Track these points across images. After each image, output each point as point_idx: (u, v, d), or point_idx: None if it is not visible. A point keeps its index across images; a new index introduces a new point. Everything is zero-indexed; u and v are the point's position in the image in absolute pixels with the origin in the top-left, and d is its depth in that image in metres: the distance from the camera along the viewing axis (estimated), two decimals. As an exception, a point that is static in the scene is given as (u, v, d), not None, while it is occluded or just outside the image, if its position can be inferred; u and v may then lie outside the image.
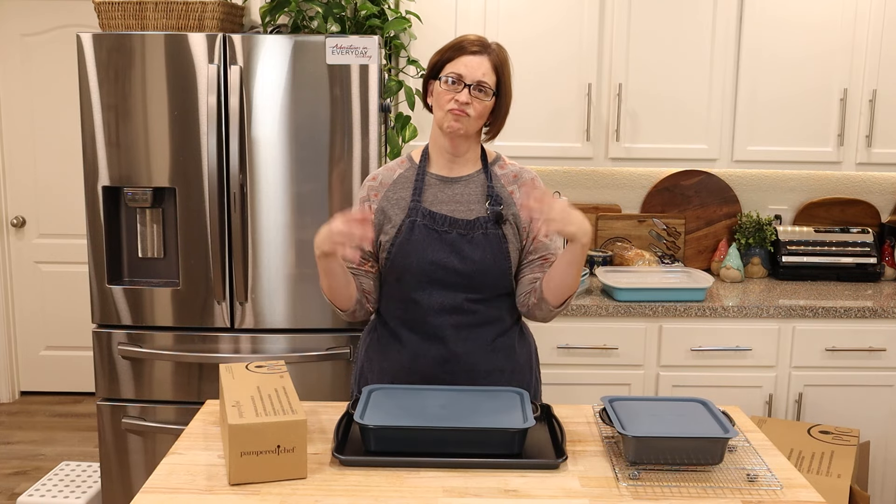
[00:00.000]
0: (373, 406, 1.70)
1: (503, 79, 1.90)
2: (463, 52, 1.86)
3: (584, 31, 3.12)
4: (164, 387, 2.84)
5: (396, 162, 2.03)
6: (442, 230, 1.90)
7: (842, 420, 3.01)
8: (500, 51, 1.91)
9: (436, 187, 1.96)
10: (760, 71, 3.15)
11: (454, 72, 1.86)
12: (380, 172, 2.02)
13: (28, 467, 3.79)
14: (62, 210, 4.51)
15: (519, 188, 1.98)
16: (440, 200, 1.94)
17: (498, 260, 1.91)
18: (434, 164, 1.98)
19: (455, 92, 1.85)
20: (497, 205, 1.93)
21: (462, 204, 1.94)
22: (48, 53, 4.40)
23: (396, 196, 1.96)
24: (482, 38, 1.91)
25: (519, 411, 1.67)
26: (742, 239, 3.44)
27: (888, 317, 2.95)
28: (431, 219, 1.91)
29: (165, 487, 1.51)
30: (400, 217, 1.93)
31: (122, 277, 2.89)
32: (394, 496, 1.48)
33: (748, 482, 1.55)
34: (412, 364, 1.95)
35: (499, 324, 1.97)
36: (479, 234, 1.90)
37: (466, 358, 1.93)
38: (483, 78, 1.86)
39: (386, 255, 1.93)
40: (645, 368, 2.98)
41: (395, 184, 1.98)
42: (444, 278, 1.90)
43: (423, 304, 1.92)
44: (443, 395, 1.77)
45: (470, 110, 1.86)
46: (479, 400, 1.74)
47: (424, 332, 1.93)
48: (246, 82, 2.70)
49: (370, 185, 2.00)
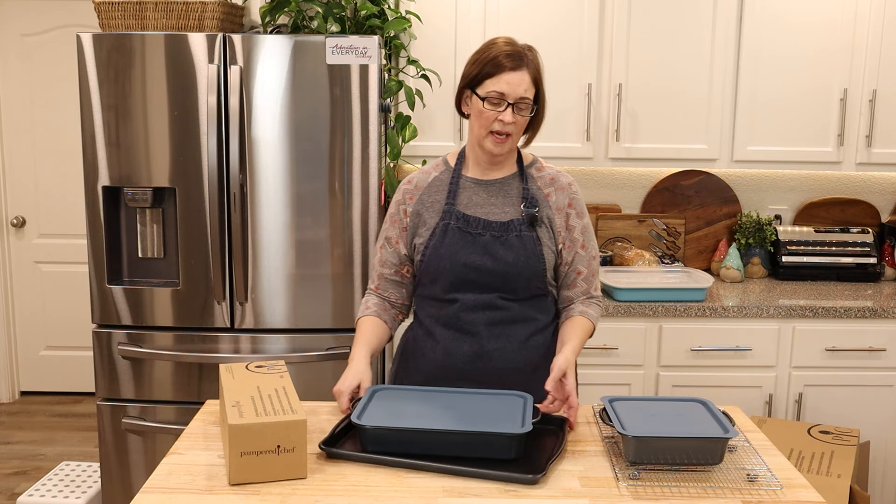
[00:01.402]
0: (374, 405, 1.70)
1: (541, 86, 1.91)
2: (503, 69, 1.85)
3: (584, 31, 3.13)
4: (164, 387, 2.84)
5: (432, 165, 2.05)
6: (475, 232, 1.92)
7: (842, 420, 3.01)
8: (534, 58, 1.90)
9: (471, 190, 1.97)
10: (760, 71, 3.15)
11: (496, 90, 1.85)
12: (415, 176, 2.04)
13: (28, 467, 3.79)
14: (62, 210, 4.51)
15: (556, 192, 1.98)
16: (475, 203, 1.96)
17: (531, 261, 1.92)
18: (470, 168, 2.00)
19: (498, 111, 1.86)
20: (532, 207, 1.93)
21: (497, 206, 1.95)
22: (48, 53, 4.40)
23: (431, 199, 1.98)
24: (516, 47, 1.88)
25: (520, 416, 1.66)
26: (742, 239, 3.44)
27: (888, 317, 2.95)
28: (465, 221, 1.93)
29: (165, 487, 1.51)
30: (434, 220, 1.96)
31: (122, 277, 2.89)
32: (394, 496, 1.48)
33: (748, 482, 1.55)
34: (445, 360, 1.96)
35: (532, 322, 1.97)
36: (513, 236, 1.91)
37: (499, 354, 1.94)
38: (525, 94, 1.86)
39: (420, 257, 1.95)
40: (645, 368, 2.98)
41: (430, 187, 2.00)
42: (478, 279, 1.92)
43: (456, 303, 1.94)
44: (447, 397, 1.76)
45: (512, 129, 1.88)
46: (482, 403, 1.73)
47: (458, 328, 1.95)
48: (246, 82, 2.70)
49: (405, 189, 2.02)
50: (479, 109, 1.88)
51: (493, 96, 1.85)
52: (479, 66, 1.88)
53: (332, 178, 2.74)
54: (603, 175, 3.55)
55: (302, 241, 2.77)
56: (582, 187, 3.55)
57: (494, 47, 1.88)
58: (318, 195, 2.74)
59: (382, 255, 2.03)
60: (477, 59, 1.90)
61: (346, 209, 2.75)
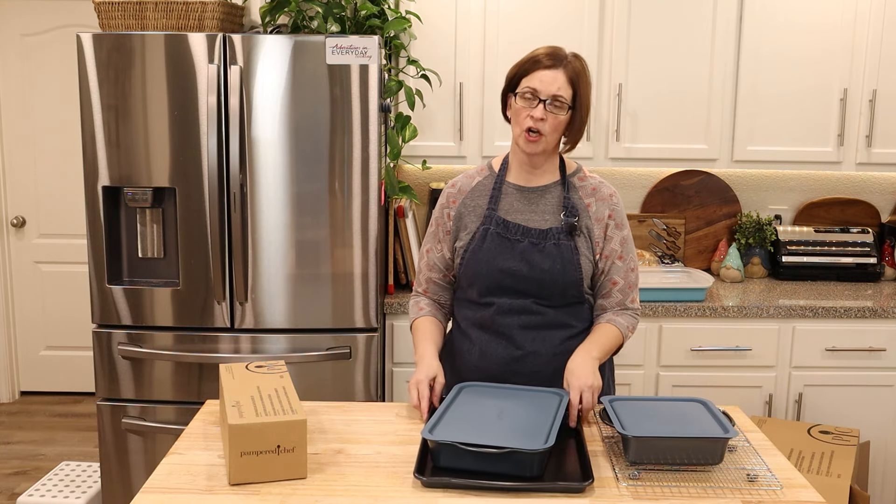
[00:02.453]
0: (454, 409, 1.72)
1: (580, 90, 1.89)
2: (538, 67, 1.86)
3: (584, 31, 3.12)
4: (164, 387, 2.84)
5: (476, 170, 2.07)
6: (514, 238, 1.93)
7: (842, 420, 3.01)
8: (576, 62, 1.90)
9: (513, 196, 1.98)
10: (760, 70, 3.15)
11: (529, 86, 1.87)
12: (459, 180, 2.05)
13: (28, 467, 3.79)
14: (62, 210, 4.51)
15: (597, 202, 1.98)
16: (516, 209, 1.97)
17: (568, 270, 1.92)
18: (513, 174, 2.01)
19: (531, 108, 1.87)
20: (572, 216, 1.94)
21: (537, 214, 1.96)
22: (48, 53, 4.40)
23: (474, 203, 2.00)
24: (557, 49, 1.90)
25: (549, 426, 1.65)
26: (742, 239, 3.44)
27: (888, 317, 2.95)
28: (504, 227, 1.94)
29: (165, 487, 1.51)
30: (475, 224, 1.97)
31: (122, 277, 2.89)
32: (393, 496, 1.48)
33: (748, 482, 1.55)
34: (480, 362, 1.97)
35: (567, 328, 1.98)
36: (551, 244, 1.92)
37: (533, 358, 1.95)
38: (558, 92, 1.86)
39: (460, 260, 1.98)
40: (645, 368, 2.98)
41: (474, 191, 2.01)
42: (514, 285, 1.93)
43: (492, 306, 1.95)
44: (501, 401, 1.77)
45: (545, 127, 1.87)
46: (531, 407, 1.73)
47: (493, 331, 1.96)
48: (246, 82, 2.70)
49: (449, 193, 2.04)
50: (515, 108, 1.90)
51: (527, 92, 1.87)
52: (517, 67, 1.91)
53: (332, 178, 2.74)
54: (603, 175, 3.55)
55: (302, 241, 2.77)
56: (582, 187, 3.55)
57: (534, 51, 1.91)
58: (318, 195, 2.74)
59: (430, 259, 2.05)
60: (519, 61, 1.92)
61: (346, 209, 2.75)
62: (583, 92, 1.90)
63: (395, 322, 2.96)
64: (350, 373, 2.82)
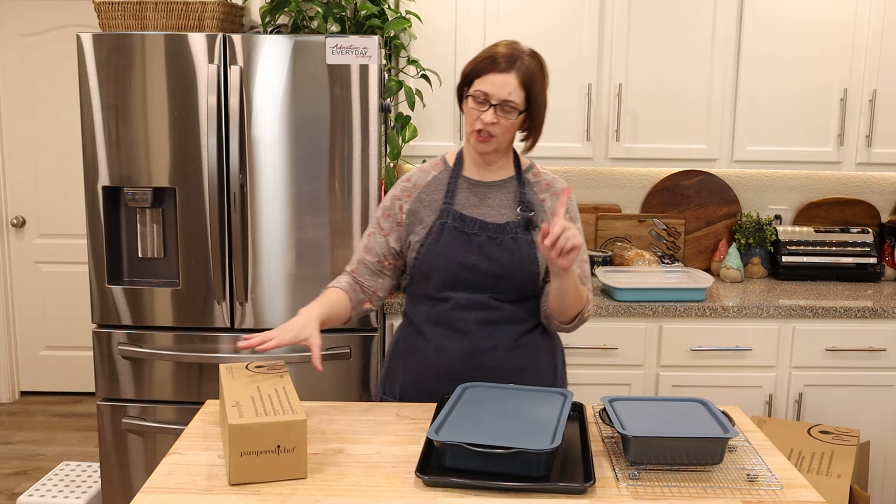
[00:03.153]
0: (459, 409, 1.71)
1: (533, 92, 1.88)
2: (492, 69, 1.85)
3: (584, 31, 3.13)
4: (164, 387, 2.84)
5: (431, 164, 2.06)
6: (472, 232, 1.93)
7: (842, 420, 3.01)
8: (531, 63, 1.88)
9: (468, 191, 1.98)
10: (760, 71, 3.15)
11: (480, 89, 1.86)
12: (414, 174, 2.04)
13: (28, 467, 3.79)
14: (62, 210, 4.51)
15: (551, 197, 2.00)
16: (472, 204, 1.97)
17: (526, 264, 1.93)
18: (467, 168, 2.01)
19: (481, 110, 1.87)
20: (528, 211, 1.95)
21: (493, 208, 1.96)
22: (48, 53, 4.40)
23: (429, 198, 1.99)
24: (513, 49, 1.87)
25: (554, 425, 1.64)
26: (742, 239, 3.44)
27: (888, 317, 2.95)
28: (462, 221, 1.94)
29: (165, 487, 1.51)
30: (431, 218, 1.96)
31: (122, 277, 2.89)
32: (393, 496, 1.48)
33: (748, 482, 1.55)
34: (436, 359, 1.96)
35: (523, 323, 1.98)
36: (509, 238, 1.92)
37: (491, 353, 1.95)
38: (509, 97, 1.85)
39: (415, 254, 1.96)
40: (645, 368, 2.98)
41: (429, 185, 2.00)
42: (472, 279, 1.93)
43: (449, 301, 1.95)
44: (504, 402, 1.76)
45: (496, 130, 1.88)
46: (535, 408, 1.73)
47: (450, 327, 1.95)
48: (246, 82, 2.70)
49: (404, 186, 2.03)
50: (467, 108, 1.91)
51: (478, 95, 1.87)
52: (473, 65, 1.90)
53: (332, 178, 2.74)
54: (603, 175, 3.55)
55: (302, 241, 2.77)
56: (582, 187, 3.55)
57: (494, 48, 1.89)
58: (318, 195, 2.74)
59: (369, 243, 2.02)
60: (475, 58, 1.91)
61: (346, 209, 2.75)
62: (537, 93, 1.90)
63: (395, 322, 2.96)
64: (350, 373, 2.82)
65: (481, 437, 1.55)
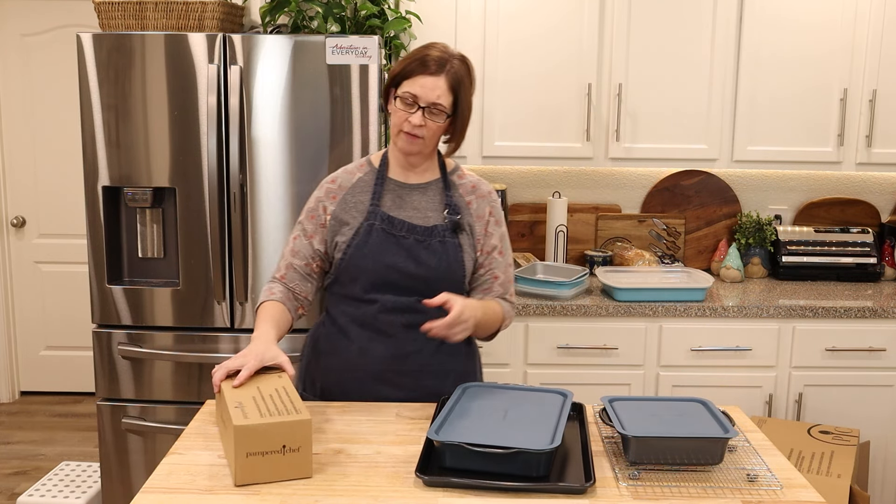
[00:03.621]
0: (458, 409, 1.71)
1: (461, 96, 1.90)
2: (422, 71, 1.85)
3: (584, 31, 3.13)
4: (164, 387, 2.84)
5: (356, 165, 2.04)
6: (399, 235, 1.93)
7: (842, 420, 3.01)
8: (460, 67, 1.90)
9: (394, 192, 1.98)
10: (760, 71, 3.15)
11: (409, 92, 1.86)
12: (339, 175, 2.03)
13: (28, 467, 3.79)
14: (62, 210, 4.51)
15: (476, 199, 2.01)
16: (398, 206, 1.97)
17: (453, 267, 1.94)
18: (393, 170, 2.01)
19: (409, 112, 1.87)
20: (455, 214, 1.96)
21: (420, 211, 1.97)
22: (48, 53, 4.40)
23: (355, 199, 1.98)
24: (444, 53, 1.88)
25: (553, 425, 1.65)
26: (742, 239, 3.44)
27: (888, 317, 2.95)
28: (390, 223, 1.93)
29: (165, 487, 1.51)
30: (358, 220, 1.95)
31: (122, 277, 2.89)
32: (393, 496, 1.48)
33: (748, 482, 1.55)
34: (359, 360, 1.96)
35: None
36: (437, 242, 1.93)
37: (415, 357, 1.96)
38: (437, 100, 1.86)
39: (342, 256, 1.95)
40: (645, 368, 2.98)
41: (354, 187, 1.99)
42: (399, 281, 1.93)
43: (375, 303, 1.94)
44: (504, 402, 1.76)
45: (423, 132, 1.88)
46: (535, 408, 1.73)
47: (375, 329, 1.95)
48: (246, 82, 2.70)
49: (328, 188, 2.01)
50: (394, 108, 1.90)
51: (407, 97, 1.86)
52: (402, 66, 1.89)
53: (332, 178, 2.74)
54: (603, 175, 3.55)
55: (302, 241, 2.77)
56: (582, 187, 3.55)
57: (425, 49, 1.89)
58: (318, 195, 2.74)
59: (295, 246, 2.00)
60: (406, 57, 1.91)
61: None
62: (464, 97, 1.91)
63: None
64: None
65: (481, 437, 1.55)
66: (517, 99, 3.16)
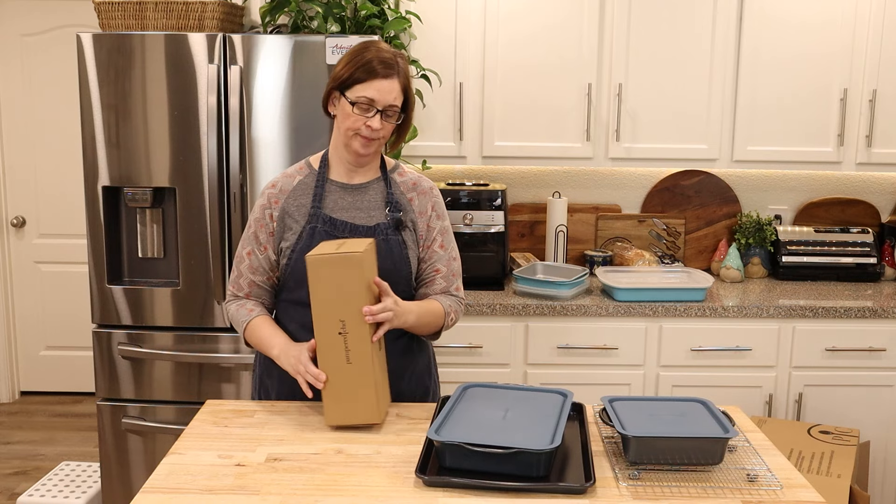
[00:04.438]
0: (459, 409, 1.71)
1: (409, 94, 1.93)
2: (374, 76, 1.84)
3: (584, 30, 3.13)
4: (164, 387, 2.84)
5: (295, 168, 2.03)
6: (342, 236, 1.92)
7: (842, 420, 3.01)
8: (405, 66, 1.91)
9: (336, 194, 1.97)
10: (760, 71, 3.15)
11: (365, 96, 1.84)
12: (279, 180, 2.01)
13: (28, 467, 3.79)
14: (62, 210, 4.51)
15: (418, 196, 2.00)
16: (340, 207, 1.96)
17: (398, 265, 1.94)
18: (334, 171, 1.99)
19: (366, 116, 1.86)
20: (397, 211, 1.95)
21: (362, 210, 1.96)
22: (48, 53, 4.40)
23: (297, 203, 1.96)
24: (389, 54, 1.87)
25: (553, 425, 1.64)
26: (742, 239, 3.44)
27: (888, 317, 2.95)
28: (332, 225, 1.93)
29: (165, 487, 1.51)
30: (300, 223, 1.94)
31: (122, 277, 2.89)
32: (393, 496, 1.48)
33: (748, 482, 1.55)
34: None
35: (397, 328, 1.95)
36: (380, 241, 1.92)
37: None
38: (394, 102, 1.87)
39: (287, 260, 1.94)
40: (645, 368, 2.98)
41: (295, 190, 1.98)
42: None
43: None
44: (504, 402, 1.76)
45: (381, 134, 1.89)
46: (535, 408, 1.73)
47: None
48: (246, 82, 2.70)
49: (270, 193, 1.99)
50: (347, 112, 1.87)
51: (363, 101, 1.85)
52: (350, 69, 1.86)
53: (332, 178, 2.74)
54: (603, 175, 3.55)
55: (302, 241, 2.77)
56: (582, 187, 3.56)
57: (368, 52, 1.87)
58: (318, 195, 2.74)
59: (252, 262, 1.97)
60: (349, 61, 1.88)
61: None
62: (411, 95, 1.94)
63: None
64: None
65: (481, 437, 1.55)
66: (517, 98, 3.16)
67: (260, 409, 1.89)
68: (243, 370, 2.83)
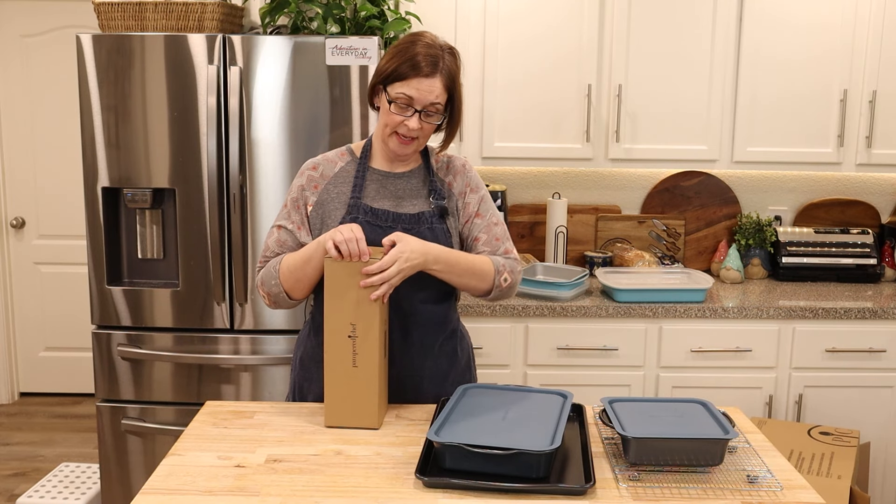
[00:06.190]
0: (458, 410, 1.70)
1: (454, 93, 1.84)
2: (416, 73, 1.77)
3: (584, 31, 3.12)
4: (164, 388, 2.84)
5: (336, 153, 1.97)
6: (386, 226, 1.86)
7: (842, 421, 3.01)
8: (451, 62, 1.83)
9: (377, 182, 1.92)
10: (760, 72, 3.15)
11: (405, 93, 1.78)
12: (320, 163, 1.95)
13: (27, 468, 3.79)
14: (62, 211, 4.51)
15: (454, 176, 1.96)
16: (382, 196, 1.90)
17: None
18: (376, 160, 1.94)
19: (405, 115, 1.80)
20: (441, 199, 1.90)
21: (405, 199, 1.91)
22: (48, 54, 4.40)
23: (337, 191, 1.91)
24: (435, 50, 1.80)
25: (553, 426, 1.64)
26: (742, 240, 3.44)
27: (888, 318, 2.95)
28: (373, 215, 1.87)
29: (165, 489, 1.51)
30: (340, 213, 1.88)
31: (122, 278, 2.89)
32: (393, 496, 1.48)
33: (748, 483, 1.55)
34: None
35: (442, 326, 1.93)
36: (425, 229, 1.87)
37: (409, 362, 1.91)
38: (435, 100, 1.80)
39: None
40: (645, 369, 2.98)
41: (336, 177, 1.92)
42: None
43: None
44: (504, 403, 1.76)
45: (419, 134, 1.83)
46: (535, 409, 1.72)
47: None
48: (246, 83, 2.70)
49: (310, 175, 1.92)
50: (385, 109, 1.83)
51: (402, 99, 1.79)
52: (394, 64, 1.79)
53: (332, 179, 2.74)
54: (603, 176, 3.55)
55: (302, 242, 2.76)
56: (581, 188, 3.55)
57: (413, 46, 1.79)
58: (318, 196, 2.74)
59: (280, 236, 1.91)
60: (394, 54, 1.80)
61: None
62: (457, 93, 1.85)
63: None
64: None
65: (481, 438, 1.55)
66: (517, 99, 3.16)
67: (260, 411, 1.89)
68: (243, 371, 2.83)
